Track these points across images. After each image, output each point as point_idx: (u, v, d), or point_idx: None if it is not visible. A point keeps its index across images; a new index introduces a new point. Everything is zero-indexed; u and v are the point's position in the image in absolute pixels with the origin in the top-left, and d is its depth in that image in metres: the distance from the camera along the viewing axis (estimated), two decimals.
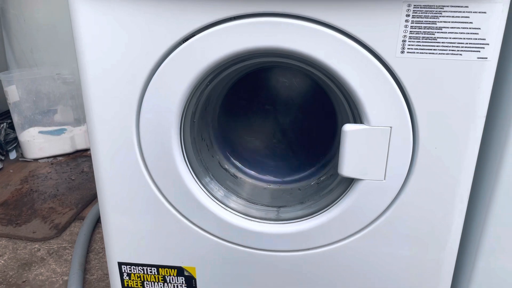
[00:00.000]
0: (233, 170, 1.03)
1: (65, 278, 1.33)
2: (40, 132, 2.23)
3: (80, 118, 2.31)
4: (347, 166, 0.77)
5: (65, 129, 2.28)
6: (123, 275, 0.96)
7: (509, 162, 0.76)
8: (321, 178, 0.97)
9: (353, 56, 0.70)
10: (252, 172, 1.04)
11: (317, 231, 0.84)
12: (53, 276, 1.34)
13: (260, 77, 1.03)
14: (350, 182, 0.81)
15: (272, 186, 1.02)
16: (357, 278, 0.89)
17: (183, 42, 0.73)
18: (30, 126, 2.22)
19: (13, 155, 2.25)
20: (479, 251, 0.85)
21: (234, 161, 1.04)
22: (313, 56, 0.71)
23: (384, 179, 0.77)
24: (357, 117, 0.77)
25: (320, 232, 0.84)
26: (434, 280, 0.87)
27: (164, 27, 0.73)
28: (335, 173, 0.88)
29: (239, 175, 1.03)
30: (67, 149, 2.28)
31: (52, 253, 1.46)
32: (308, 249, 0.86)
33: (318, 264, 0.88)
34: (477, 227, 0.85)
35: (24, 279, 1.32)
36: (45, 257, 1.43)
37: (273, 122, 1.08)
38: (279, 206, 0.92)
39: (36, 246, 1.50)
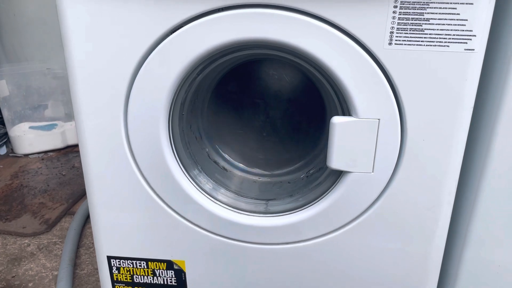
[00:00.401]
0: (222, 163, 1.02)
1: (55, 273, 1.32)
2: (31, 127, 2.21)
3: (71, 113, 2.29)
4: (336, 159, 0.77)
5: (55, 124, 2.26)
6: (113, 269, 0.96)
7: (496, 154, 0.76)
8: (311, 171, 0.97)
9: (341, 48, 0.70)
10: (242, 165, 1.04)
11: (306, 224, 0.84)
12: (43, 271, 1.33)
13: (250, 70, 1.03)
14: (338, 174, 0.81)
15: (261, 179, 1.02)
16: (347, 270, 0.89)
17: (171, 33, 0.73)
18: (21, 121, 2.20)
19: (3, 150, 2.23)
20: (466, 243, 0.85)
21: (224, 154, 1.04)
22: (301, 48, 0.71)
23: (373, 171, 0.78)
24: (345, 110, 0.77)
25: (309, 224, 0.84)
26: (422, 271, 0.87)
27: (151, 18, 0.72)
28: (324, 166, 0.88)
29: (229, 168, 1.02)
30: (58, 144, 2.26)
31: (42, 248, 1.45)
32: (297, 242, 0.86)
33: (307, 256, 0.88)
34: (464, 220, 0.85)
35: (14, 274, 1.32)
36: (35, 252, 1.42)
37: (263, 115, 1.08)
38: (267, 199, 0.91)
39: (26, 241, 1.49)
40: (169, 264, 0.93)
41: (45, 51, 2.31)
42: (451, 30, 0.67)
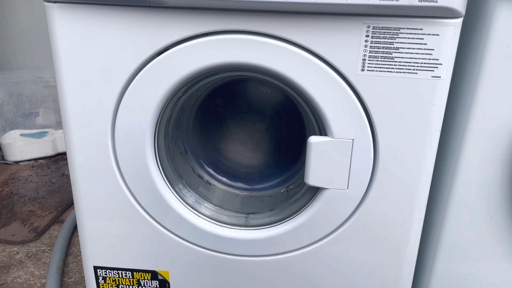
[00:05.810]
0: (206, 177, 1.06)
1: (43, 281, 1.34)
2: (22, 134, 2.23)
3: (61, 121, 2.32)
4: (313, 176, 0.81)
5: (46, 132, 2.29)
6: (99, 279, 0.99)
7: (462, 173, 0.81)
8: (290, 186, 1.01)
9: (318, 73, 0.74)
10: (225, 179, 1.08)
11: (285, 237, 0.88)
12: (31, 279, 1.36)
13: (234, 88, 1.07)
14: (316, 190, 0.85)
15: (244, 193, 1.06)
16: (323, 281, 0.93)
17: (158, 56, 0.77)
18: (12, 128, 2.22)
19: None
20: (436, 257, 0.90)
21: (208, 168, 1.08)
22: (280, 72, 0.75)
23: (347, 188, 0.82)
24: (322, 129, 0.82)
25: (287, 238, 0.88)
26: (396, 282, 0.91)
27: (139, 41, 0.76)
28: (303, 181, 0.92)
29: (213, 182, 1.06)
30: (49, 152, 2.28)
31: (31, 256, 1.47)
32: (276, 254, 0.90)
33: (285, 268, 0.92)
34: (434, 235, 0.90)
35: (2, 282, 1.34)
36: (23, 260, 1.45)
37: (246, 131, 1.12)
38: (247, 213, 0.95)
39: (15, 249, 1.51)
40: (154, 275, 0.97)
41: (37, 59, 2.34)
42: (419, 58, 0.72)
